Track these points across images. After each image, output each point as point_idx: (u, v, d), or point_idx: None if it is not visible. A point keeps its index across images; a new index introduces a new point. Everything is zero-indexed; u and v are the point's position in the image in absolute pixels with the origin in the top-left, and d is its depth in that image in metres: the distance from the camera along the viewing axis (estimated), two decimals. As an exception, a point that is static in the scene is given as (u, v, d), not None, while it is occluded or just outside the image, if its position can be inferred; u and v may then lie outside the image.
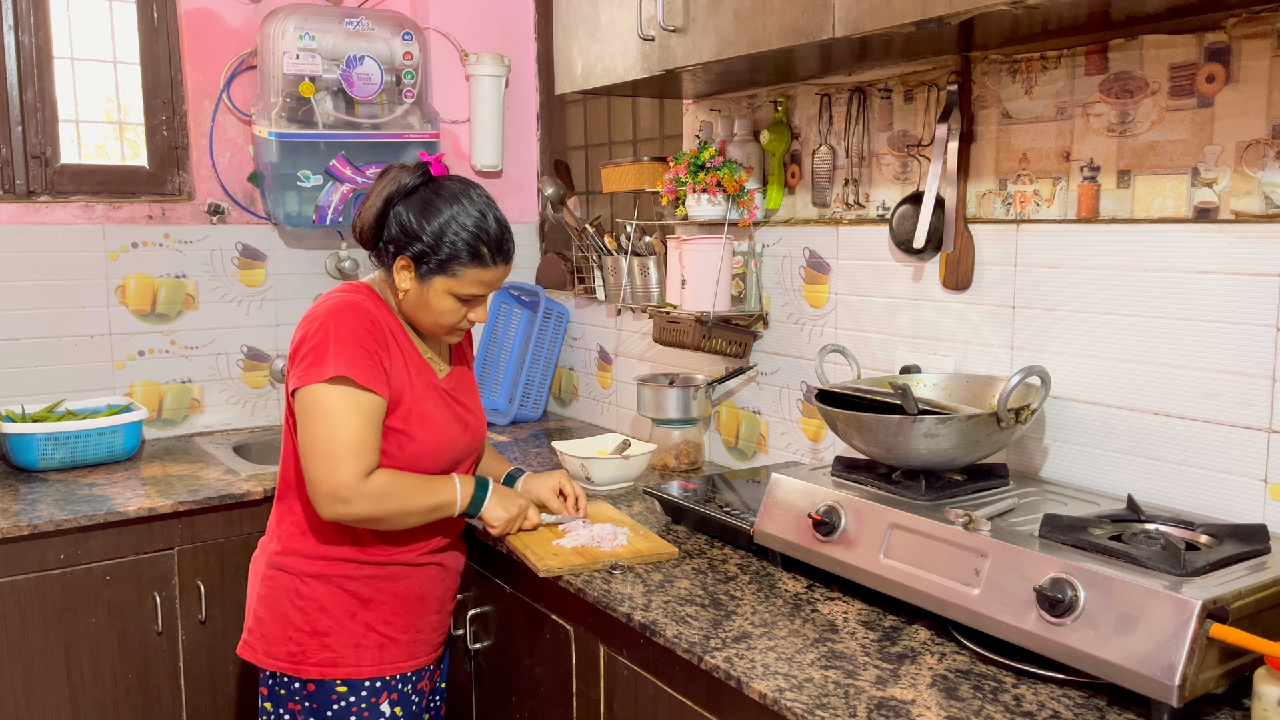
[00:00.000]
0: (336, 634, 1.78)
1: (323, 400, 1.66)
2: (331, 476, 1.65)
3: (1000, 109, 1.89)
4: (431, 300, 1.75)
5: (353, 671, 1.79)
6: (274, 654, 1.80)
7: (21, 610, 2.23)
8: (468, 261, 1.73)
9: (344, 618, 1.79)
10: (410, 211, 1.72)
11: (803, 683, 1.40)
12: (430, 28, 3.19)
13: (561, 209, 2.96)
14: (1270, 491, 1.56)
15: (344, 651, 1.79)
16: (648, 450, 2.42)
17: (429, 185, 1.75)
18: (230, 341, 3.06)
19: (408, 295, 1.76)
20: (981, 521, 1.51)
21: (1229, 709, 1.31)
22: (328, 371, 1.65)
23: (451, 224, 1.71)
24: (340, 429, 1.65)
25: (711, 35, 1.90)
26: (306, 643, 1.78)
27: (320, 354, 1.66)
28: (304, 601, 1.78)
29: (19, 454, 2.58)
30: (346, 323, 1.69)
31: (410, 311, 1.79)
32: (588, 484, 2.35)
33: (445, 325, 1.79)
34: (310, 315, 1.72)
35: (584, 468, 2.34)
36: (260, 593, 1.82)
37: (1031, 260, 1.86)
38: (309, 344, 1.68)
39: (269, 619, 1.80)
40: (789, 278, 2.37)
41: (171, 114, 2.95)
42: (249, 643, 1.84)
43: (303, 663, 1.78)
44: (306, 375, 1.66)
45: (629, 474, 2.38)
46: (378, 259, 1.80)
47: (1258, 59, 1.53)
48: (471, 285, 1.75)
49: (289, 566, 1.80)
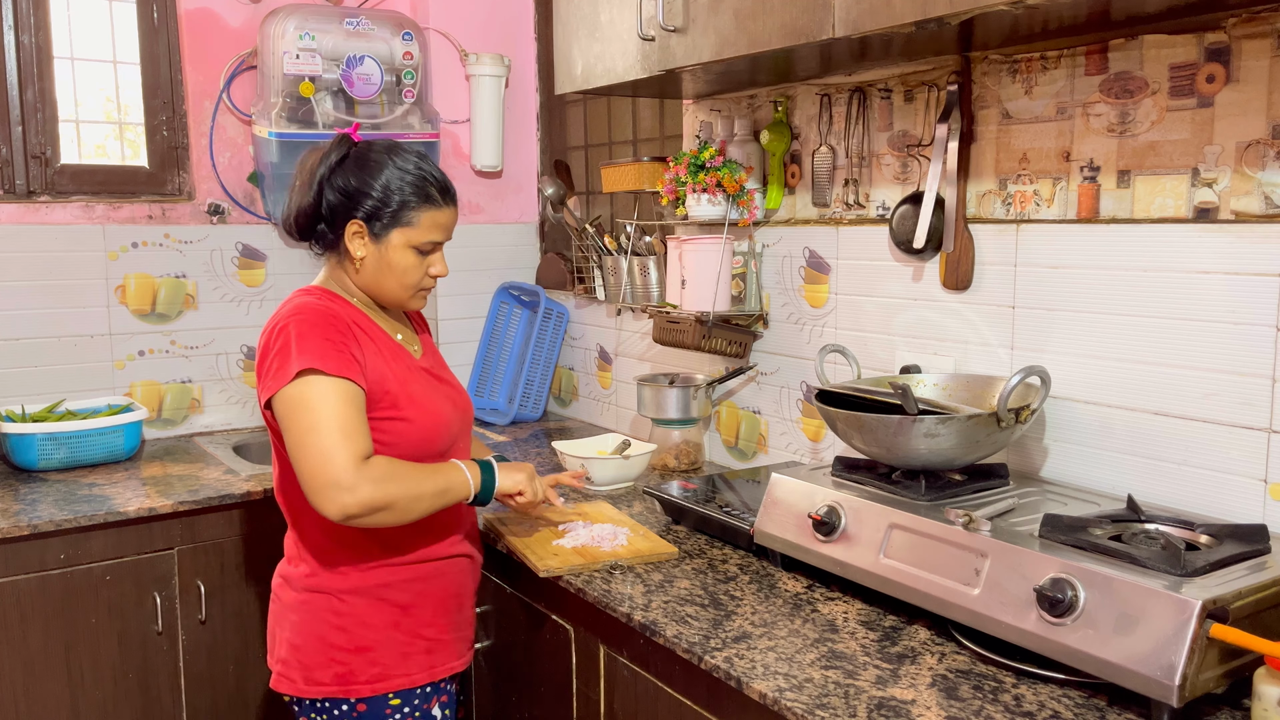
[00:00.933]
0: (382, 647, 1.71)
1: (298, 397, 1.58)
2: (326, 466, 1.55)
3: (1000, 109, 1.89)
4: (392, 258, 1.70)
5: (404, 681, 1.72)
6: (317, 680, 1.71)
7: (21, 610, 2.23)
8: (419, 205, 1.69)
9: (387, 628, 1.72)
10: (348, 176, 1.68)
11: (803, 683, 1.40)
12: (430, 28, 3.19)
13: (561, 209, 2.96)
14: (1270, 491, 1.56)
15: (392, 663, 1.72)
16: (648, 450, 2.42)
17: (355, 150, 1.71)
18: (230, 341, 3.06)
19: (365, 263, 1.71)
20: (981, 521, 1.51)
21: (1229, 709, 1.31)
22: (293, 369, 1.58)
23: (394, 173, 1.68)
24: (323, 418, 1.57)
25: (711, 35, 1.90)
26: (352, 661, 1.70)
27: (284, 357, 1.60)
28: (344, 619, 1.70)
29: (19, 454, 2.58)
30: (304, 320, 1.63)
31: (370, 281, 1.73)
32: (588, 483, 2.35)
33: (409, 284, 1.73)
34: (268, 328, 1.66)
35: (584, 468, 2.34)
36: (294, 620, 1.73)
37: (1031, 260, 1.86)
38: (271, 353, 1.62)
39: (307, 645, 1.71)
40: (789, 278, 2.37)
41: (171, 114, 2.95)
42: (284, 675, 1.73)
43: (351, 683, 1.70)
44: (275, 381, 1.60)
45: (629, 474, 2.38)
46: (321, 244, 1.74)
47: (1258, 59, 1.53)
48: (428, 231, 1.71)
49: (324, 586, 1.71)
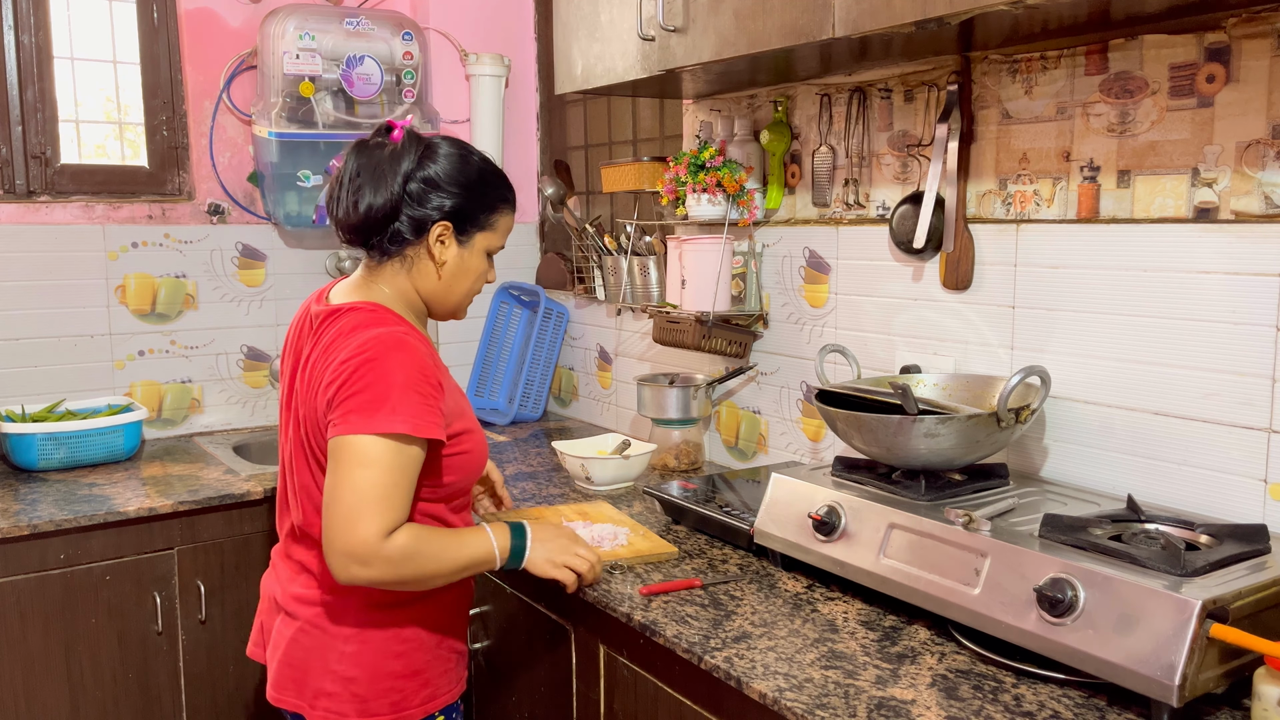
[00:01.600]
0: (432, 666, 1.65)
1: (365, 451, 1.45)
2: (348, 533, 1.44)
3: (1000, 109, 1.89)
4: (472, 264, 1.63)
5: (448, 698, 1.68)
6: (373, 711, 1.60)
7: (21, 610, 2.23)
8: (502, 207, 1.64)
9: (434, 647, 1.66)
10: (434, 172, 1.57)
11: (803, 683, 1.40)
12: (430, 28, 3.19)
13: (561, 209, 2.96)
14: (1270, 491, 1.56)
15: (439, 682, 1.66)
16: (647, 450, 2.42)
17: (432, 148, 1.60)
18: (230, 341, 3.06)
19: (446, 268, 1.61)
20: (981, 521, 1.51)
21: (1229, 709, 1.31)
22: (384, 425, 1.45)
23: (484, 170, 1.62)
24: (372, 481, 1.45)
25: (711, 35, 1.90)
26: (406, 686, 1.62)
27: (378, 402, 1.45)
28: (404, 645, 1.61)
29: (19, 454, 2.58)
30: (403, 365, 1.48)
31: (442, 290, 1.63)
32: (588, 483, 2.35)
33: (477, 291, 1.67)
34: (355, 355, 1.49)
35: (584, 468, 2.34)
36: (349, 651, 1.59)
37: (1031, 260, 1.86)
38: (359, 385, 1.47)
39: (365, 676, 1.59)
40: (789, 278, 2.37)
41: (171, 114, 2.95)
42: (335, 710, 1.59)
43: (404, 709, 1.62)
44: (359, 424, 1.45)
45: (629, 474, 2.38)
46: (391, 246, 1.60)
47: (1258, 59, 1.53)
48: (503, 235, 1.66)
49: (385, 614, 1.60)
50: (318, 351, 1.56)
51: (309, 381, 1.56)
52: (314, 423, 1.55)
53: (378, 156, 1.58)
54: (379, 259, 1.62)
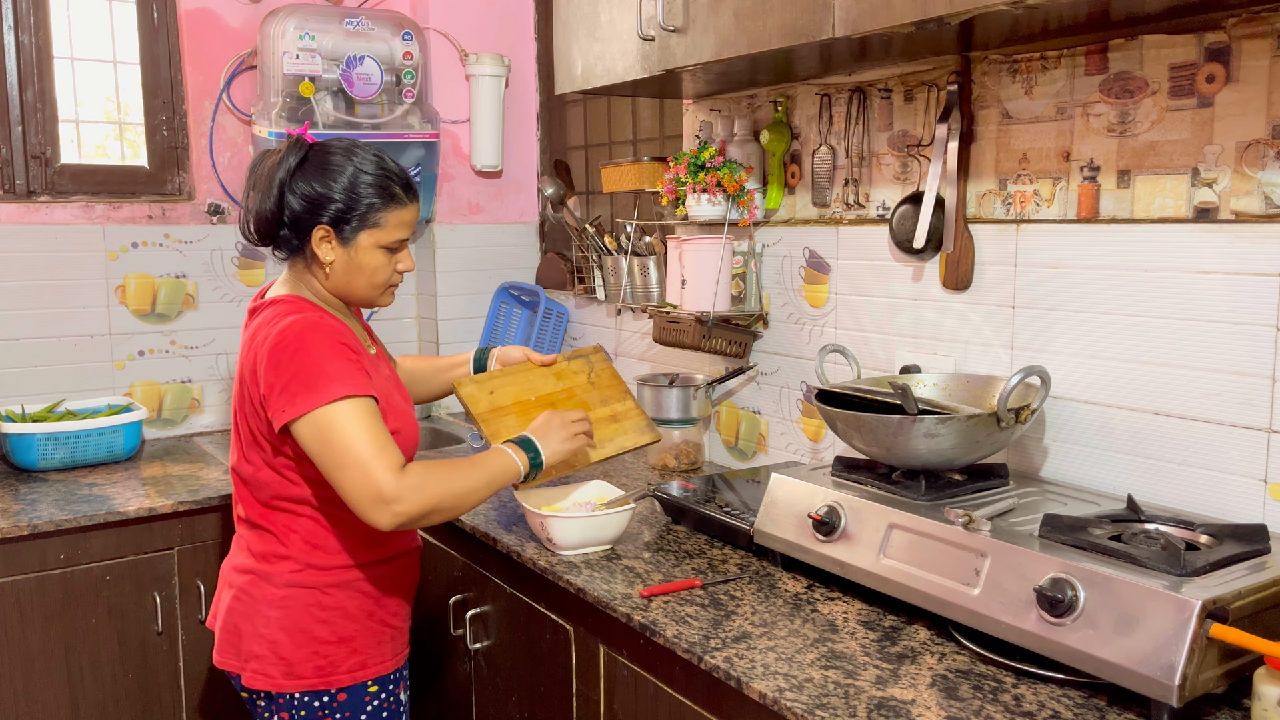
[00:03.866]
0: (361, 637, 1.76)
1: (330, 420, 1.59)
2: (367, 482, 1.58)
3: (1000, 109, 1.89)
4: (362, 260, 1.71)
5: (380, 669, 1.78)
6: (299, 674, 1.73)
7: (21, 610, 2.23)
8: (385, 205, 1.70)
9: (364, 618, 1.77)
10: (310, 181, 1.68)
11: (803, 683, 1.40)
12: (430, 28, 3.19)
13: (561, 209, 2.96)
14: (1270, 491, 1.56)
15: (370, 651, 1.77)
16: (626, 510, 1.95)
17: (313, 152, 1.71)
18: (230, 341, 3.05)
19: (334, 267, 1.71)
20: (981, 521, 1.51)
21: (1229, 709, 1.31)
22: (327, 395, 1.59)
23: (358, 175, 1.68)
24: (356, 437, 1.59)
25: (711, 35, 1.90)
26: (334, 653, 1.74)
27: (311, 378, 1.60)
28: (327, 612, 1.74)
29: (19, 454, 2.58)
30: (322, 341, 1.63)
31: (341, 285, 1.74)
32: (549, 543, 1.94)
33: (380, 283, 1.75)
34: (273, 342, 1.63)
35: (544, 526, 1.91)
36: (274, 616, 1.73)
37: (1031, 260, 1.86)
38: (289, 372, 1.61)
39: (289, 640, 1.73)
40: (789, 278, 2.37)
41: (171, 114, 2.95)
42: (262, 671, 1.73)
43: (333, 674, 1.74)
44: (307, 401, 1.60)
45: (602, 536, 1.94)
46: (285, 249, 1.74)
47: (1258, 59, 1.53)
48: (395, 230, 1.72)
49: (308, 581, 1.73)
50: (246, 338, 1.74)
51: (241, 363, 1.73)
52: (248, 402, 1.70)
53: (268, 164, 1.71)
54: (285, 258, 1.77)
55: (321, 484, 1.68)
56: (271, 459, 1.71)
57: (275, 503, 1.74)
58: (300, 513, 1.74)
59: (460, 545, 2.23)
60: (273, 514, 1.75)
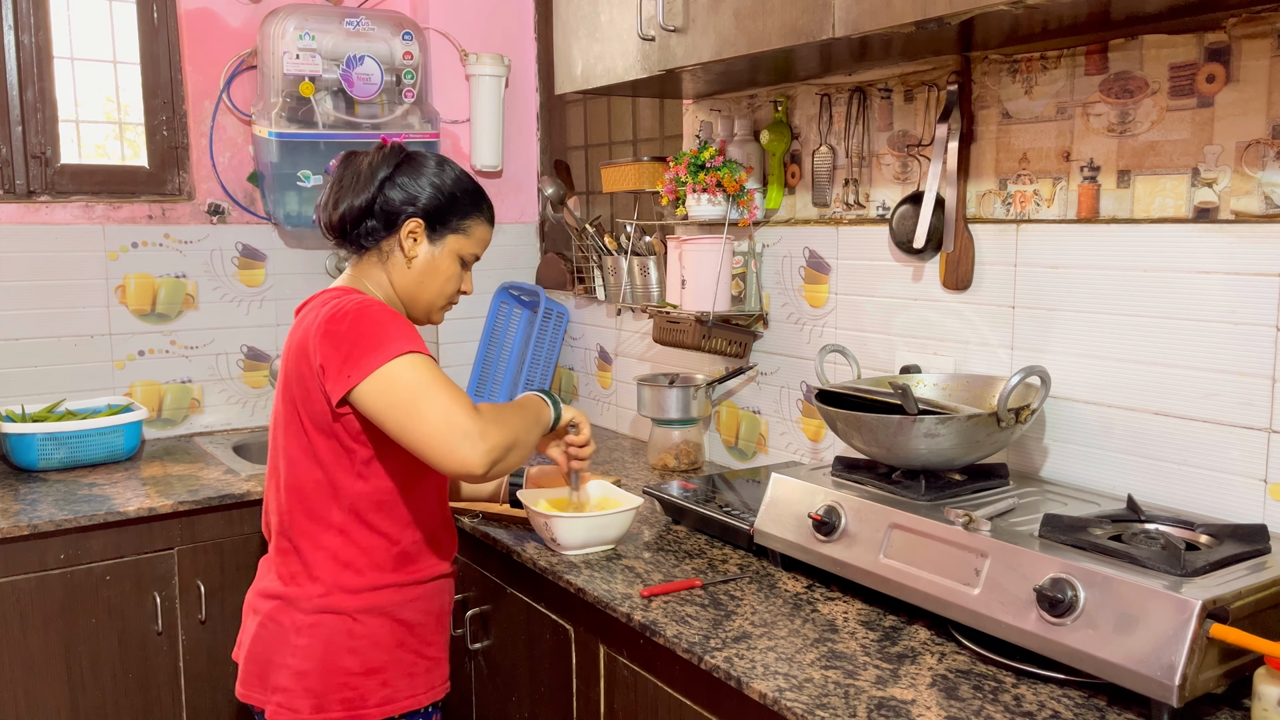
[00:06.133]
0: (391, 668, 1.67)
1: (398, 373, 1.54)
2: (451, 421, 1.52)
3: (1000, 109, 1.89)
4: (441, 264, 1.71)
5: (410, 703, 1.69)
6: (326, 707, 1.64)
7: (21, 610, 2.23)
8: (476, 216, 1.73)
9: (395, 648, 1.68)
10: (414, 178, 1.69)
11: (803, 683, 1.40)
12: (430, 28, 3.19)
13: (561, 209, 2.96)
14: (1270, 491, 1.56)
15: (400, 684, 1.68)
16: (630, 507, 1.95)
17: (411, 157, 1.73)
18: (230, 341, 3.06)
19: (415, 263, 1.70)
20: (981, 521, 1.51)
21: (1229, 709, 1.31)
22: (391, 351, 1.54)
23: (458, 182, 1.72)
24: (431, 383, 1.55)
25: (711, 35, 1.90)
26: (363, 685, 1.65)
27: (373, 341, 1.55)
28: (357, 641, 1.65)
29: (19, 454, 2.58)
30: (381, 310, 1.60)
31: (412, 284, 1.71)
32: (552, 544, 1.95)
33: (447, 294, 1.75)
34: (330, 316, 1.58)
35: (548, 526, 1.93)
36: (301, 644, 1.64)
37: (1031, 260, 1.86)
38: (348, 342, 1.56)
39: (317, 671, 1.63)
40: (789, 278, 2.37)
41: (171, 114, 2.95)
42: (288, 705, 1.64)
43: (360, 708, 1.65)
44: (367, 364, 1.54)
45: (604, 536, 1.95)
46: (365, 242, 1.69)
47: (1258, 59, 1.53)
48: (477, 244, 1.74)
49: (338, 606, 1.64)
50: (302, 330, 1.66)
51: (296, 353, 1.65)
52: (304, 390, 1.63)
53: (361, 163, 1.71)
54: (358, 253, 1.73)
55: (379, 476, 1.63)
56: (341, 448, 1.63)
57: (313, 509, 1.66)
58: (331, 521, 1.65)
59: (460, 545, 2.23)
60: (304, 526, 1.67)
